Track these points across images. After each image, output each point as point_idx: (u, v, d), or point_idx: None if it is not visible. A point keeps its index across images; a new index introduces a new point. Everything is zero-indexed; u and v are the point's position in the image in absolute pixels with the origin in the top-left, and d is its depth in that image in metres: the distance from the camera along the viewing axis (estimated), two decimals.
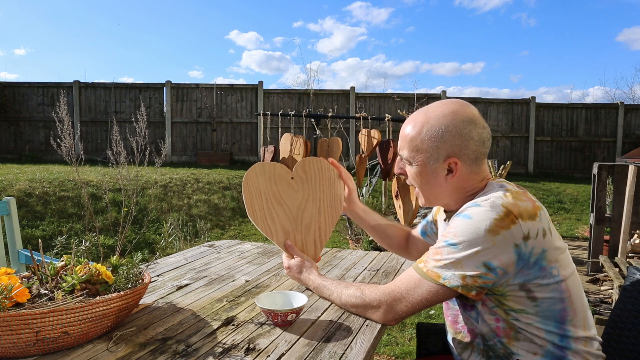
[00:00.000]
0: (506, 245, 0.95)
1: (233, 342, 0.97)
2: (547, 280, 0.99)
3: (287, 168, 1.39)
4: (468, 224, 0.98)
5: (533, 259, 0.98)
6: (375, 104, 10.85)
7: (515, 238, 0.95)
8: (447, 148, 1.07)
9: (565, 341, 1.02)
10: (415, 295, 1.03)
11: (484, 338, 1.08)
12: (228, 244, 1.99)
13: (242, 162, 10.64)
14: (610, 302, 3.41)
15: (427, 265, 1.03)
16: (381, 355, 2.60)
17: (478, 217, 0.97)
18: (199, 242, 4.85)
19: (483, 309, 1.05)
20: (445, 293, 1.01)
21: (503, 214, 0.96)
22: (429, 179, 1.11)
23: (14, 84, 10.80)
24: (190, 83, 10.89)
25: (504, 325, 1.04)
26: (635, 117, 10.76)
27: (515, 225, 0.95)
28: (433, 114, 1.09)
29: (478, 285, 0.98)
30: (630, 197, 4.00)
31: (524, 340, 1.02)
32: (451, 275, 0.98)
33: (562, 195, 8.19)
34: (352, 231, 5.54)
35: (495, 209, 0.97)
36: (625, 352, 1.21)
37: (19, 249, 2.22)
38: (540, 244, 0.98)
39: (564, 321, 1.01)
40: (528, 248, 0.96)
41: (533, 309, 1.00)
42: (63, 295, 0.94)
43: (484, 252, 0.96)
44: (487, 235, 0.95)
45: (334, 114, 3.16)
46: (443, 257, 1.00)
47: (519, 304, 1.01)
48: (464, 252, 0.97)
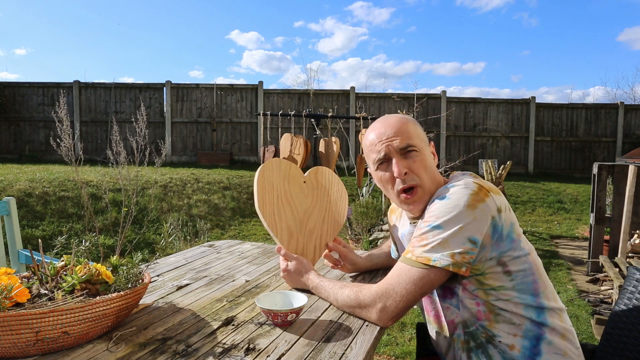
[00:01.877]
0: (484, 218, 1.03)
1: (233, 342, 0.97)
2: (518, 252, 1.07)
3: (301, 171, 1.40)
4: (447, 203, 1.05)
5: (505, 231, 1.05)
6: (375, 104, 10.85)
7: (492, 210, 1.03)
8: (425, 136, 1.22)
9: (542, 316, 1.07)
10: (408, 286, 1.05)
11: (465, 325, 1.11)
12: (228, 244, 1.99)
13: (242, 162, 10.64)
14: (610, 302, 3.41)
15: (415, 253, 1.06)
16: (381, 355, 2.60)
17: (455, 195, 1.05)
18: (199, 242, 4.85)
19: (464, 294, 1.09)
20: (437, 275, 1.03)
21: (477, 188, 1.05)
22: (431, 164, 1.20)
23: (14, 84, 10.80)
24: (190, 83, 10.89)
25: (484, 309, 1.08)
26: (635, 117, 10.76)
27: (489, 198, 1.04)
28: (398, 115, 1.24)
29: (466, 261, 1.02)
30: (630, 197, 4.00)
31: (503, 322, 1.07)
32: (440, 257, 1.02)
33: (562, 195, 8.19)
34: (352, 231, 5.54)
35: (469, 185, 1.06)
36: (625, 352, 1.21)
37: (19, 249, 2.22)
38: (509, 218, 1.07)
39: (537, 294, 1.08)
40: (502, 220, 1.04)
41: (510, 283, 1.07)
42: (63, 295, 0.94)
43: (467, 227, 1.02)
44: (467, 210, 1.02)
45: (334, 114, 3.15)
46: (429, 240, 1.04)
47: (497, 280, 1.06)
48: (449, 231, 1.02)
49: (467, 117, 10.85)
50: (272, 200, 1.34)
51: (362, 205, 5.63)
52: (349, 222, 5.63)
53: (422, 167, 1.16)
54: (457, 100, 10.81)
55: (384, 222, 5.65)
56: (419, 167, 1.16)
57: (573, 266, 4.52)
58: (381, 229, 5.49)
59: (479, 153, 10.48)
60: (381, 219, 5.69)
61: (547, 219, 6.84)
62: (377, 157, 1.18)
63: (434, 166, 1.19)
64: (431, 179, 1.17)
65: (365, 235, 5.38)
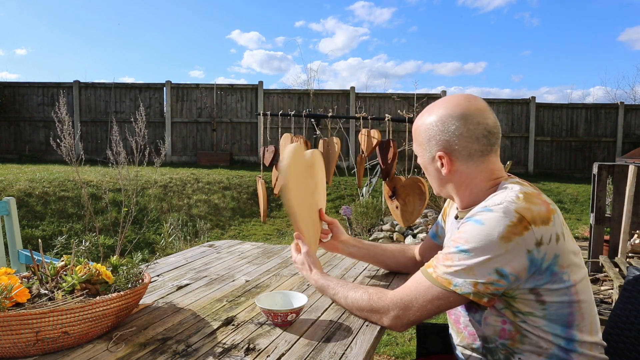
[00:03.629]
0: (519, 251, 0.94)
1: (233, 342, 0.97)
2: (558, 285, 0.98)
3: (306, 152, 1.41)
4: (480, 230, 0.96)
5: (545, 265, 0.96)
6: (375, 103, 10.85)
7: (528, 244, 0.93)
8: (436, 142, 1.09)
9: (572, 345, 1.01)
10: (426, 302, 1.01)
11: (485, 340, 1.07)
12: (228, 244, 1.99)
13: (242, 162, 10.64)
14: (610, 302, 3.41)
15: (437, 271, 1.00)
16: (381, 355, 2.60)
17: (490, 223, 0.95)
18: (199, 242, 4.86)
19: (490, 311, 1.04)
20: (455, 299, 0.99)
21: (516, 220, 0.93)
22: (429, 171, 1.15)
23: (14, 84, 10.80)
24: (190, 83, 10.90)
25: (511, 328, 1.02)
26: (635, 117, 10.76)
27: (529, 232, 0.93)
28: (434, 108, 1.11)
29: (490, 292, 0.96)
30: (630, 197, 4.00)
31: (529, 343, 1.01)
32: (462, 282, 0.96)
33: (562, 195, 8.19)
34: (352, 231, 5.54)
35: (508, 215, 0.94)
36: (625, 352, 1.21)
37: (19, 249, 2.22)
38: (553, 249, 0.96)
39: (570, 325, 1.00)
40: (541, 254, 0.95)
41: (541, 312, 0.99)
42: (63, 295, 0.94)
43: (496, 259, 0.94)
44: (499, 242, 0.93)
45: (334, 114, 3.16)
46: (454, 263, 0.98)
47: (528, 306, 0.99)
48: (476, 259, 0.95)
49: None
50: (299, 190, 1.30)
51: (362, 205, 5.63)
52: (349, 222, 5.63)
53: (423, 169, 1.18)
54: None
55: (384, 222, 5.65)
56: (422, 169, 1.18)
57: None
58: (381, 229, 5.49)
59: None
60: (381, 219, 5.69)
61: None
62: None
63: (434, 176, 1.14)
64: (444, 187, 1.15)
65: (365, 235, 5.38)
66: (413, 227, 5.48)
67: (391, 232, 5.43)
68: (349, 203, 6.57)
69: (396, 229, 5.45)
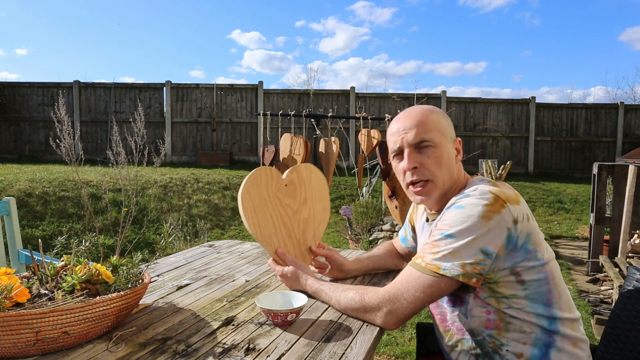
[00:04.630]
0: (499, 229, 1.01)
1: (233, 342, 0.97)
2: (533, 262, 1.05)
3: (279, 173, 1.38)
4: (461, 213, 1.03)
5: (520, 242, 1.03)
6: (375, 104, 10.85)
7: (507, 222, 1.01)
8: (452, 130, 1.19)
9: (554, 325, 1.06)
10: (417, 292, 1.04)
11: (472, 333, 1.10)
12: (228, 244, 1.99)
13: (242, 162, 10.64)
14: (610, 302, 3.41)
15: (425, 260, 1.05)
16: (381, 355, 2.60)
17: (469, 205, 1.03)
18: (199, 242, 4.85)
19: (475, 302, 1.08)
20: (446, 284, 1.02)
21: (493, 199, 1.02)
22: (449, 161, 1.17)
23: (14, 84, 10.80)
24: (190, 83, 10.90)
25: (495, 317, 1.07)
26: (635, 117, 10.76)
27: (505, 209, 1.01)
28: (429, 106, 1.21)
29: (477, 272, 1.01)
30: (630, 197, 4.00)
31: (513, 330, 1.06)
32: (451, 266, 1.01)
33: (562, 195, 8.19)
34: (352, 231, 5.54)
35: (484, 195, 1.03)
36: (625, 352, 1.21)
37: (19, 249, 2.22)
38: (526, 228, 1.04)
39: (550, 303, 1.06)
40: (517, 231, 1.02)
41: (522, 292, 1.05)
42: (63, 295, 0.94)
43: (480, 239, 1.00)
44: (481, 221, 1.00)
45: (334, 114, 3.15)
46: (440, 248, 1.03)
47: (510, 289, 1.05)
48: (461, 241, 1.01)
49: (467, 117, 10.85)
50: (262, 214, 1.30)
51: (362, 205, 5.63)
52: (349, 222, 5.63)
53: (435, 163, 1.14)
54: (457, 100, 10.81)
55: (384, 222, 5.65)
56: (432, 162, 1.14)
57: (573, 266, 4.52)
58: (381, 229, 5.49)
59: (479, 153, 10.48)
60: (381, 219, 5.70)
61: (547, 219, 6.84)
62: (392, 148, 1.20)
63: (452, 164, 1.16)
64: (447, 175, 1.15)
65: (365, 235, 5.38)
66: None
67: (391, 232, 5.43)
68: (349, 203, 6.57)
69: (396, 229, 5.45)
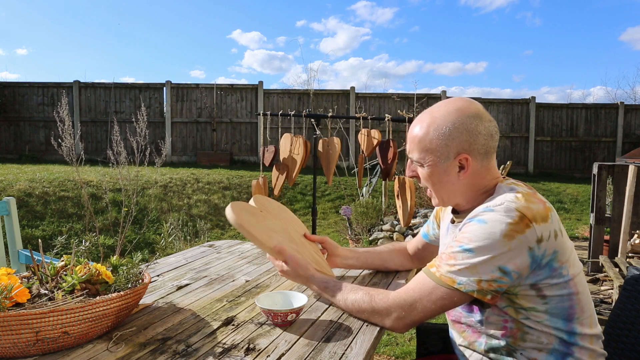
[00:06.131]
0: (521, 249, 0.96)
1: (233, 342, 0.97)
2: (557, 280, 1.00)
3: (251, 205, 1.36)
4: (483, 228, 0.98)
5: (545, 261, 0.98)
6: (375, 103, 10.85)
7: (530, 241, 0.96)
8: (456, 145, 1.07)
9: (573, 338, 1.03)
10: (430, 302, 1.02)
11: (487, 338, 1.08)
12: (228, 244, 1.99)
13: (242, 162, 10.64)
14: (610, 302, 3.41)
15: (440, 270, 1.02)
16: (381, 355, 2.60)
17: (493, 221, 0.98)
18: (199, 242, 4.85)
19: (492, 310, 1.05)
20: (460, 298, 1.01)
21: (517, 218, 0.96)
22: (442, 178, 1.11)
23: (14, 84, 10.80)
24: (190, 83, 10.90)
25: (512, 326, 1.04)
26: (635, 117, 10.76)
27: (530, 229, 0.96)
28: (438, 113, 1.10)
29: (493, 289, 0.98)
30: (630, 197, 4.00)
31: (530, 340, 1.03)
32: (466, 281, 0.98)
33: (562, 195, 8.19)
34: (352, 231, 5.54)
35: (510, 213, 0.97)
36: (625, 351, 1.21)
37: (19, 249, 2.22)
38: (552, 246, 0.99)
39: (571, 319, 1.03)
40: (541, 250, 0.97)
41: (543, 307, 1.01)
42: (63, 295, 0.94)
43: (500, 257, 0.96)
44: (502, 240, 0.96)
45: (334, 114, 3.15)
46: (457, 262, 1.00)
47: (530, 302, 1.01)
48: (480, 258, 0.97)
49: None
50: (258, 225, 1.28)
51: (362, 205, 5.63)
52: (349, 222, 5.63)
53: (426, 180, 1.13)
54: None
55: (384, 222, 5.65)
56: (423, 179, 1.14)
57: None
58: (381, 229, 5.49)
59: None
60: (381, 219, 5.69)
61: None
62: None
63: (450, 181, 1.11)
64: (446, 193, 1.13)
65: (365, 235, 5.38)
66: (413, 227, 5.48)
67: (391, 232, 5.43)
68: (349, 203, 6.57)
69: (396, 229, 5.45)
